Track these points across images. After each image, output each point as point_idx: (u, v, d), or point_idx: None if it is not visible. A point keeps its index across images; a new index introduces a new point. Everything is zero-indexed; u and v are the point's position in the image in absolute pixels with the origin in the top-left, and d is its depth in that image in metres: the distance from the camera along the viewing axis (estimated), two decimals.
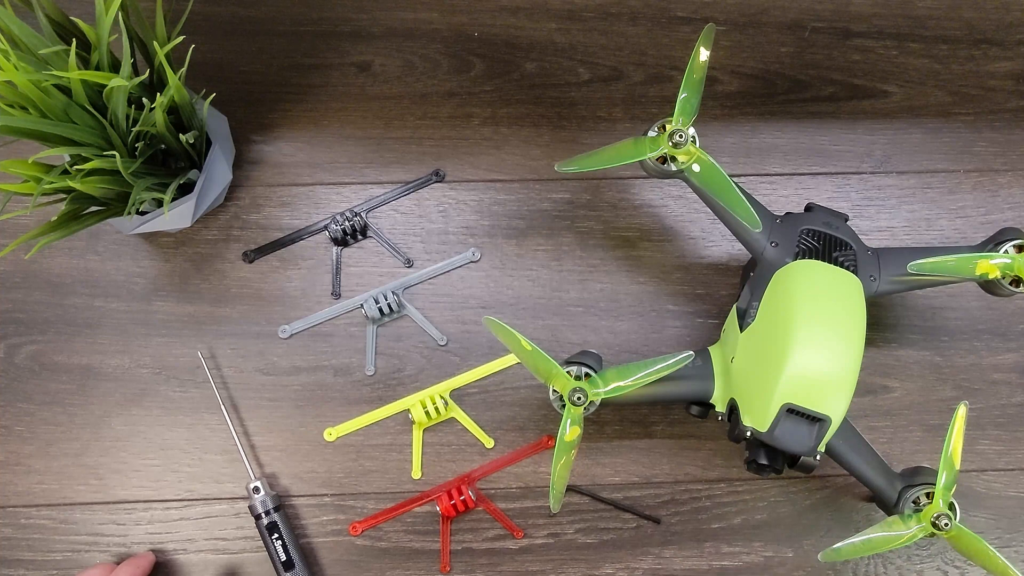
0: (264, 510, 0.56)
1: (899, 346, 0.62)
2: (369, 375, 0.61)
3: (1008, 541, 0.60)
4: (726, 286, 0.63)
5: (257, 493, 0.56)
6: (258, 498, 0.56)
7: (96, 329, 0.61)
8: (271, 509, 0.56)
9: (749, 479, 0.60)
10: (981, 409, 0.62)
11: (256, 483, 0.56)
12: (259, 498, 0.56)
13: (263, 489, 0.56)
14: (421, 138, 0.64)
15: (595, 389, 0.51)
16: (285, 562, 0.55)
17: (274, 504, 0.56)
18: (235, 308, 0.61)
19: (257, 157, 0.64)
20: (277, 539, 0.55)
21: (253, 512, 0.56)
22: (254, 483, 0.56)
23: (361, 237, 0.63)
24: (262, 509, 0.56)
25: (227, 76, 0.64)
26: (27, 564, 0.58)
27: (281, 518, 0.56)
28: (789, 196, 0.64)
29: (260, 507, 0.56)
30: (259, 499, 0.56)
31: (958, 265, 0.52)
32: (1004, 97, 0.66)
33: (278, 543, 0.55)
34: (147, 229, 0.56)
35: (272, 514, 0.56)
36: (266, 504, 0.56)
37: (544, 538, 0.59)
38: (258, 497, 0.56)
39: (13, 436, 0.59)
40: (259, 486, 0.56)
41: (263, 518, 0.56)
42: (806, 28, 0.67)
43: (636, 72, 0.66)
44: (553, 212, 0.64)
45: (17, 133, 0.47)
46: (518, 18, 0.66)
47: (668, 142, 0.52)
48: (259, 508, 0.56)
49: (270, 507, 0.56)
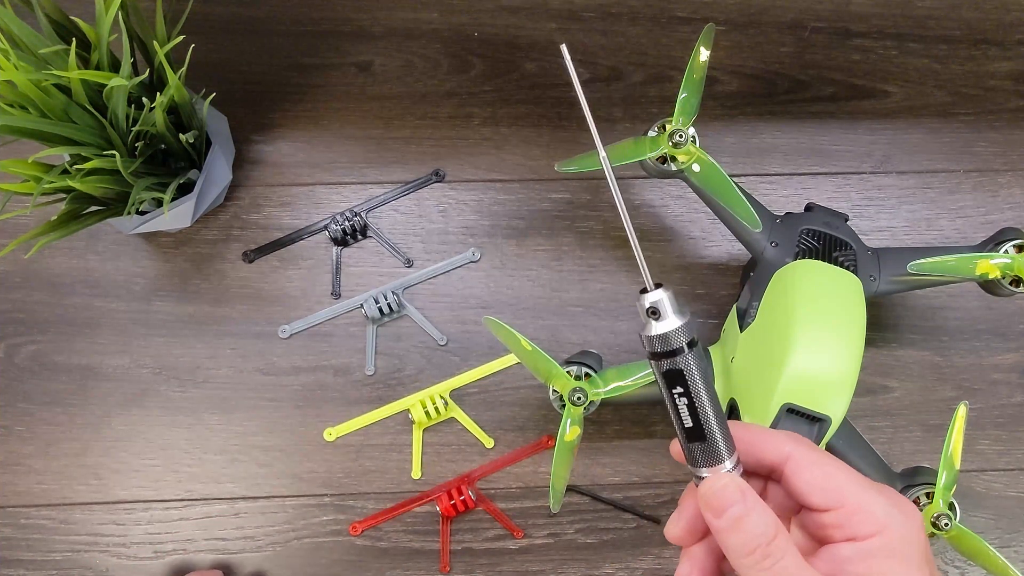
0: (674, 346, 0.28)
1: (899, 346, 0.62)
2: (369, 375, 0.61)
3: (1008, 541, 0.60)
4: (726, 286, 0.63)
5: (655, 316, 0.28)
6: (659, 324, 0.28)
7: (96, 329, 0.61)
8: (679, 349, 0.29)
9: None
10: (981, 409, 0.62)
11: (653, 299, 0.29)
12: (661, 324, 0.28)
13: (670, 307, 0.29)
14: (421, 138, 0.64)
15: (595, 389, 0.51)
16: (691, 429, 0.29)
17: (687, 338, 0.29)
18: (235, 308, 0.61)
19: (257, 157, 0.64)
20: (681, 394, 0.29)
21: (648, 348, 0.29)
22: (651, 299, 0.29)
23: (361, 237, 0.63)
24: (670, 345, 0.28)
25: (227, 76, 0.64)
26: (27, 564, 0.58)
27: (695, 360, 0.29)
28: (789, 196, 0.64)
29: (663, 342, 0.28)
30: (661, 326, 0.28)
31: (958, 265, 0.52)
32: (1004, 97, 0.66)
33: (682, 401, 0.29)
34: (147, 229, 0.56)
35: (679, 356, 0.29)
36: (681, 338, 0.28)
37: (544, 538, 0.59)
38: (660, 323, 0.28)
39: (13, 436, 0.59)
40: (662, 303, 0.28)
41: (664, 360, 0.29)
42: (806, 28, 0.67)
43: (636, 72, 0.66)
44: (553, 212, 0.64)
45: (17, 133, 0.47)
46: (518, 18, 0.66)
47: (668, 142, 0.52)
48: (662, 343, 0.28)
49: (681, 344, 0.29)
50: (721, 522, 0.28)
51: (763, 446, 0.30)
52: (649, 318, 0.28)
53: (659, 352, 0.28)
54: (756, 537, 0.27)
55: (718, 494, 0.28)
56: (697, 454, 0.29)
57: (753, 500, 0.28)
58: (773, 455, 0.30)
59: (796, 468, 0.30)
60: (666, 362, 0.29)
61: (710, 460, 0.29)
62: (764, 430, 0.31)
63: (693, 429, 0.29)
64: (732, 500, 0.28)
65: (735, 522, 0.28)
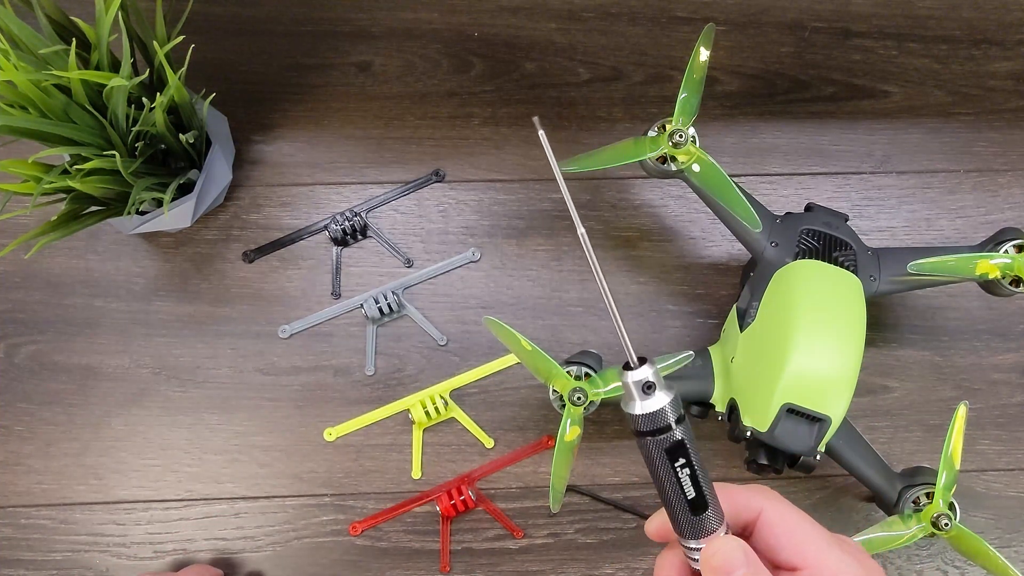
0: (671, 419, 0.29)
1: (899, 346, 0.62)
2: (369, 375, 0.61)
3: (1008, 541, 0.60)
4: (726, 286, 0.63)
5: (650, 391, 0.29)
6: (653, 400, 0.29)
7: (96, 329, 0.61)
8: (679, 418, 0.29)
9: (749, 479, 0.60)
10: (981, 409, 0.62)
11: (647, 374, 0.29)
12: (655, 400, 0.29)
13: (658, 385, 0.29)
14: (421, 138, 0.64)
15: (595, 389, 0.51)
16: (694, 499, 0.30)
17: (675, 415, 0.29)
18: (235, 308, 0.61)
19: (257, 157, 0.64)
20: (683, 466, 0.29)
21: (644, 427, 0.29)
22: (642, 375, 0.29)
23: (361, 237, 0.63)
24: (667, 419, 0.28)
25: (227, 76, 0.64)
26: (27, 564, 0.58)
27: (686, 432, 0.29)
28: (789, 196, 0.64)
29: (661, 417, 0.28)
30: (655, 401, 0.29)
31: (958, 265, 0.52)
32: (1004, 97, 0.66)
33: (684, 472, 0.29)
34: (147, 229, 0.56)
35: (677, 428, 0.29)
36: (677, 409, 0.29)
37: (544, 538, 0.59)
38: (654, 398, 0.29)
39: (13, 436, 0.59)
40: (652, 380, 0.29)
41: (664, 435, 0.29)
42: (806, 28, 0.67)
43: (636, 72, 0.66)
44: (553, 212, 0.64)
45: (17, 133, 0.47)
46: (518, 18, 0.66)
47: (668, 142, 0.52)
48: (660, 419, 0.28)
49: (678, 415, 0.29)
50: None
51: (735, 503, 0.31)
52: (644, 395, 0.28)
53: (659, 428, 0.28)
54: None
55: (727, 558, 0.29)
56: (697, 525, 0.29)
57: (756, 562, 0.29)
58: (747, 513, 0.31)
59: (767, 523, 0.30)
60: (666, 436, 0.28)
61: (708, 528, 0.29)
62: (735, 488, 0.32)
63: (695, 499, 0.29)
64: (739, 563, 0.28)
65: None
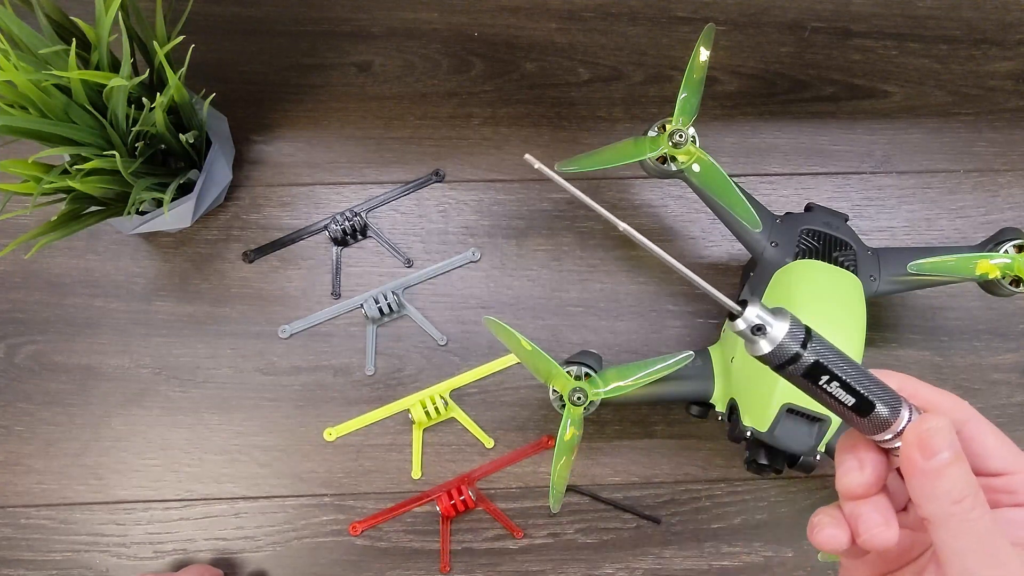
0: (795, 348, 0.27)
1: (899, 346, 0.62)
2: (369, 375, 0.61)
3: None
4: (726, 286, 0.63)
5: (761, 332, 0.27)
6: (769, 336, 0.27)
7: (96, 329, 0.61)
8: (804, 342, 0.27)
9: (749, 479, 0.60)
10: (981, 409, 0.61)
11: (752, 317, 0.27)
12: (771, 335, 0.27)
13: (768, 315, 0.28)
14: (421, 138, 0.64)
15: (595, 389, 0.51)
16: (855, 405, 0.28)
17: (802, 329, 0.28)
18: (235, 308, 0.61)
19: (257, 157, 0.64)
20: (828, 381, 0.28)
21: (774, 363, 0.28)
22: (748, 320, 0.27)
23: (361, 237, 0.63)
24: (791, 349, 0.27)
25: (227, 76, 0.64)
26: (27, 564, 0.58)
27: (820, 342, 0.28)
28: (789, 196, 0.64)
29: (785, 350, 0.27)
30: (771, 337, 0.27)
31: (958, 265, 0.52)
32: (1004, 97, 0.66)
33: (833, 385, 0.28)
34: (147, 229, 0.56)
35: (805, 351, 0.27)
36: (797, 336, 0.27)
37: (544, 538, 0.59)
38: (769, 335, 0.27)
39: (13, 436, 0.59)
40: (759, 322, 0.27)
41: (795, 364, 0.28)
42: (806, 28, 0.67)
43: (636, 72, 0.66)
44: (553, 212, 0.64)
45: (17, 133, 0.47)
46: (518, 18, 0.66)
47: (668, 142, 0.52)
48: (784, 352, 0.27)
49: (802, 340, 0.27)
50: (931, 464, 0.27)
51: (940, 406, 0.29)
52: (759, 335, 0.27)
53: (788, 359, 0.27)
54: (965, 487, 0.27)
55: (933, 435, 0.27)
56: (875, 422, 0.28)
57: (960, 448, 0.27)
58: (956, 416, 0.29)
59: (978, 432, 0.29)
60: (798, 365, 0.27)
61: (884, 420, 0.28)
62: (935, 389, 0.30)
63: (857, 404, 0.28)
64: (945, 443, 0.27)
65: (945, 467, 0.27)
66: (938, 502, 0.27)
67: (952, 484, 0.27)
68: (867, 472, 0.29)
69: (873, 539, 0.28)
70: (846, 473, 0.29)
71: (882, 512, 0.29)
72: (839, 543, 0.29)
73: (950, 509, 0.27)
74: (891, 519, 0.29)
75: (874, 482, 0.29)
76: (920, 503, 0.27)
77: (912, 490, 0.27)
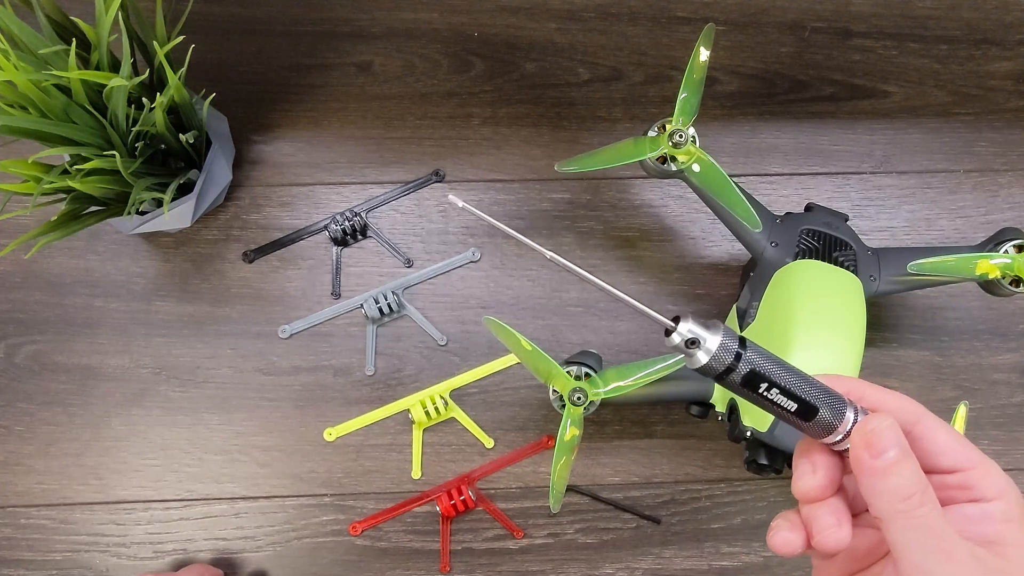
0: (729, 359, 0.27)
1: (899, 346, 0.62)
2: (369, 375, 0.61)
3: None
4: (726, 286, 0.63)
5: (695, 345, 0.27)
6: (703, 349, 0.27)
7: (96, 329, 0.61)
8: (737, 354, 0.28)
9: (749, 479, 0.60)
10: (981, 409, 0.62)
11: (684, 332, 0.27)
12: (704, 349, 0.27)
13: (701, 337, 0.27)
14: (421, 138, 0.64)
15: (595, 389, 0.51)
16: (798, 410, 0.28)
17: (735, 340, 0.28)
18: (235, 308, 0.61)
19: (257, 157, 0.64)
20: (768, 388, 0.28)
21: (712, 374, 0.28)
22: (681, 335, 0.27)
23: (361, 237, 0.63)
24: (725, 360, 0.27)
25: (227, 76, 0.64)
26: (27, 564, 0.58)
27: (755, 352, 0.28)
28: (789, 196, 0.64)
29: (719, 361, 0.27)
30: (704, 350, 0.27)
31: (958, 265, 0.52)
32: (1004, 97, 0.66)
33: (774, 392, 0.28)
34: (147, 229, 0.56)
35: (739, 362, 0.28)
36: (730, 349, 0.27)
37: (544, 538, 0.59)
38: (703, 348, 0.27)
39: (13, 436, 0.59)
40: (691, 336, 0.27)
41: (732, 373, 0.28)
42: (806, 28, 0.67)
43: (636, 72, 0.66)
44: (553, 212, 0.64)
45: (17, 133, 0.47)
46: (518, 18, 0.66)
47: (668, 142, 0.52)
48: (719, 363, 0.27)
49: (735, 351, 0.28)
50: (878, 463, 0.27)
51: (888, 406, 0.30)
52: (691, 350, 0.28)
53: (726, 369, 0.28)
54: (913, 484, 0.27)
55: (879, 433, 0.27)
56: (820, 425, 0.28)
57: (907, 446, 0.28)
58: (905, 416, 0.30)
59: (928, 430, 0.29)
60: (735, 374, 0.28)
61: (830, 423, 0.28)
62: (883, 390, 0.30)
63: (800, 409, 0.28)
64: (891, 442, 0.27)
65: (892, 465, 0.27)
66: (887, 499, 0.27)
67: (900, 482, 0.27)
68: (819, 475, 0.29)
69: (826, 540, 0.29)
70: (800, 477, 0.30)
71: (835, 514, 0.29)
72: (794, 547, 0.30)
73: (899, 506, 0.27)
74: (844, 520, 0.29)
75: (827, 485, 0.29)
76: (871, 501, 0.28)
77: (863, 489, 0.28)
